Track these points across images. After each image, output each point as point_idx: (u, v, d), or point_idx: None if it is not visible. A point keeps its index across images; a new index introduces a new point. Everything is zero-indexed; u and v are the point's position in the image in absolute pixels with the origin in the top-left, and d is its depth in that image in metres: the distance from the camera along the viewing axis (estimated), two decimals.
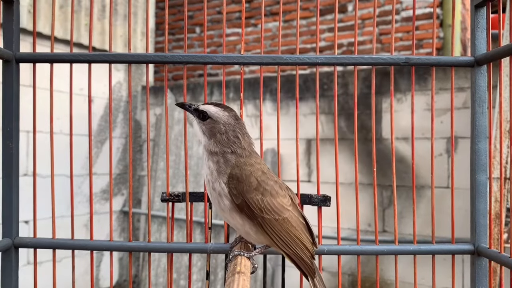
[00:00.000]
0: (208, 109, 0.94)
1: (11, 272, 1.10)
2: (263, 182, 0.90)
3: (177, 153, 3.93)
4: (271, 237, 0.91)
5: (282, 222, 0.91)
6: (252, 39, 4.91)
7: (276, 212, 0.90)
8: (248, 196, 0.88)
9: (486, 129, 1.10)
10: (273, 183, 0.93)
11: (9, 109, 1.11)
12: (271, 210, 0.90)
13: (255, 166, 0.92)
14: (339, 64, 1.13)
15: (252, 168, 0.91)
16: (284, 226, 0.91)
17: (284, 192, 0.95)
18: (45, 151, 1.13)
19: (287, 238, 0.91)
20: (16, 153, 1.12)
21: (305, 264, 0.93)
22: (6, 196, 1.11)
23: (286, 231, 0.91)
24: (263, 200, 0.89)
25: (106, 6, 3.92)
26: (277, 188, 0.93)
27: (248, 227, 0.92)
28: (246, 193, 0.88)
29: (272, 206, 0.90)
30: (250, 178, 0.89)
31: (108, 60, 1.13)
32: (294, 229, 0.92)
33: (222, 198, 0.90)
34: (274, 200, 0.91)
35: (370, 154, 3.08)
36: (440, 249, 1.12)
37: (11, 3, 1.10)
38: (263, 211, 0.89)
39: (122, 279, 4.07)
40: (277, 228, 0.90)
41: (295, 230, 0.92)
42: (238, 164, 0.91)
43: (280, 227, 0.90)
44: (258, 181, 0.90)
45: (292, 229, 0.92)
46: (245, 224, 0.91)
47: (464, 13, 4.14)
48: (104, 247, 1.13)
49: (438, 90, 2.94)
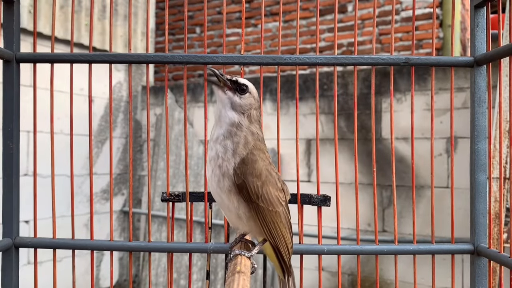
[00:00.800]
0: (248, 83, 0.91)
1: (11, 271, 1.10)
2: (267, 171, 0.90)
3: (177, 153, 3.93)
4: (262, 225, 0.90)
5: (274, 215, 0.91)
6: (252, 39, 4.91)
7: (271, 203, 0.90)
8: (250, 179, 0.87)
9: (486, 129, 1.10)
10: (275, 174, 0.93)
11: (9, 109, 1.11)
12: (268, 200, 0.90)
13: (266, 154, 0.92)
14: (339, 64, 1.13)
15: (263, 155, 0.91)
16: (275, 219, 0.91)
17: (282, 187, 0.95)
18: (46, 151, 1.13)
19: (275, 232, 0.91)
20: (16, 153, 1.12)
21: (286, 262, 0.94)
22: (6, 196, 1.11)
23: (276, 224, 0.91)
24: (262, 187, 0.89)
25: (106, 6, 3.92)
26: (277, 181, 0.93)
27: (242, 211, 0.90)
28: (248, 176, 0.87)
29: (269, 196, 0.90)
30: (258, 163, 0.88)
31: (109, 60, 1.13)
32: (283, 225, 0.93)
33: (224, 178, 0.89)
34: (272, 191, 0.90)
35: (370, 154, 3.09)
36: (440, 249, 1.12)
37: (11, 3, 1.10)
38: (259, 198, 0.89)
39: (122, 278, 4.07)
40: (268, 218, 0.90)
41: (283, 227, 0.93)
42: (255, 147, 0.89)
43: (271, 218, 0.90)
44: (264, 168, 0.89)
45: (281, 225, 0.92)
46: (240, 207, 0.90)
47: (463, 13, 4.14)
48: (105, 247, 1.13)
49: (437, 90, 2.94)
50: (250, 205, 0.89)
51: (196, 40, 5.24)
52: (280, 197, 0.92)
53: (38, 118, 1.15)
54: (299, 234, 1.16)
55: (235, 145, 0.88)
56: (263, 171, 0.89)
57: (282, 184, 0.96)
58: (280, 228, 0.92)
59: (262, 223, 0.90)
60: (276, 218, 0.91)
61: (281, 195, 0.93)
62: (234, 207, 0.91)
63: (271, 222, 0.90)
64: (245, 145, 0.89)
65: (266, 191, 0.89)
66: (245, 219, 0.91)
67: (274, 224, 0.91)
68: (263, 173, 0.89)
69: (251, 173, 0.87)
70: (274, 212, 0.91)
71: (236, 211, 0.91)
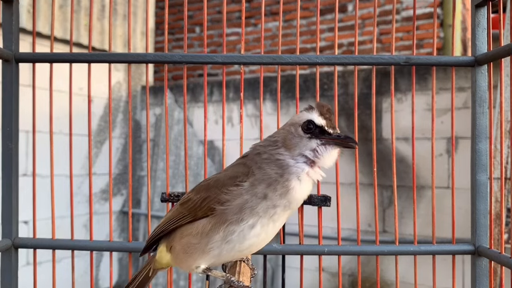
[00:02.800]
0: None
1: (10, 272, 1.10)
2: None
3: (176, 153, 3.92)
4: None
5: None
6: (252, 39, 4.91)
7: None
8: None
9: (487, 129, 1.10)
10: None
11: (8, 109, 1.11)
12: None
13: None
14: (339, 64, 1.12)
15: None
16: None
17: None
18: (45, 151, 1.13)
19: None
20: (15, 153, 1.11)
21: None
22: (5, 196, 1.10)
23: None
24: None
25: (105, 6, 3.91)
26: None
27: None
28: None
29: None
30: None
31: (108, 60, 1.13)
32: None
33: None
34: None
35: (370, 154, 3.08)
36: (441, 250, 1.12)
37: (10, 3, 1.10)
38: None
39: (121, 279, 4.06)
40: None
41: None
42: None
43: None
44: None
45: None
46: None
47: (464, 13, 4.13)
48: (104, 248, 1.13)
49: (438, 90, 2.94)
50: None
51: (196, 39, 5.23)
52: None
53: (37, 118, 1.15)
54: (299, 234, 1.16)
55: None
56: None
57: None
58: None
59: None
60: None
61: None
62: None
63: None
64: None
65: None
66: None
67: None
68: None
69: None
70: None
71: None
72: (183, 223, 0.83)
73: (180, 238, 0.83)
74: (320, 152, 0.79)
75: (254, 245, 0.81)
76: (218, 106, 3.84)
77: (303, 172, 0.79)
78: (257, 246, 0.82)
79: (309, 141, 0.79)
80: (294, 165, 0.79)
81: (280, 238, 1.16)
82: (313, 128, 0.79)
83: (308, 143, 0.79)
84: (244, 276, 0.84)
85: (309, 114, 0.80)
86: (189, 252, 0.82)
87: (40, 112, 1.18)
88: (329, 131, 0.79)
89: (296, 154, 0.79)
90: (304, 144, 0.79)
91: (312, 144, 0.79)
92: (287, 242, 1.15)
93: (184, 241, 0.82)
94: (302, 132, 0.80)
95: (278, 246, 1.11)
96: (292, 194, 0.79)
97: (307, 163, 0.79)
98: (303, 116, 0.81)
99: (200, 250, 0.80)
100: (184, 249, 0.82)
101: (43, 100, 1.27)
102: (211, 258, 0.81)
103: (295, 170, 0.79)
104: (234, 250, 0.79)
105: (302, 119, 0.81)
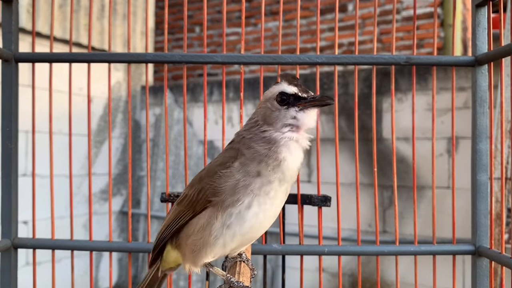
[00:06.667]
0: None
1: (10, 272, 1.09)
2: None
3: (176, 153, 3.92)
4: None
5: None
6: (252, 39, 4.91)
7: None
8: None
9: (487, 129, 1.10)
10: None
11: (8, 109, 1.11)
12: None
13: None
14: (340, 64, 1.12)
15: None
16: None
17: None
18: (44, 151, 1.12)
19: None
20: (15, 153, 1.11)
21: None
22: (5, 196, 1.10)
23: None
24: None
25: (105, 5, 3.91)
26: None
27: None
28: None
29: None
30: None
31: (108, 60, 1.12)
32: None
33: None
34: None
35: (370, 154, 3.08)
36: (441, 250, 1.12)
37: (10, 2, 1.10)
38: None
39: (121, 279, 4.06)
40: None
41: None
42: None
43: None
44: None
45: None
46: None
47: (464, 12, 4.13)
48: (104, 248, 1.13)
49: (439, 90, 2.94)
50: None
51: (196, 39, 5.23)
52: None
53: (37, 118, 1.15)
54: (299, 234, 1.15)
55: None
56: None
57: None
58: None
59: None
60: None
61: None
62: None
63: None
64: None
65: None
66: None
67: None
68: None
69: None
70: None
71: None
72: (184, 221, 0.84)
73: (185, 240, 0.84)
74: (300, 118, 0.81)
75: (255, 228, 0.81)
76: (218, 106, 3.84)
77: (291, 141, 0.81)
78: (258, 229, 0.82)
79: (288, 111, 0.81)
80: (280, 136, 0.81)
81: (280, 238, 1.16)
82: (287, 98, 0.82)
83: (287, 113, 0.81)
84: (244, 277, 0.84)
85: (279, 86, 0.83)
86: (196, 249, 0.82)
87: (40, 112, 1.18)
88: (303, 96, 0.81)
89: (279, 126, 0.81)
90: (283, 115, 0.81)
91: (291, 113, 0.81)
92: (287, 242, 1.15)
93: (190, 241, 0.83)
94: (278, 104, 0.82)
95: (278, 246, 1.11)
96: (285, 165, 0.80)
97: (292, 131, 0.81)
98: (274, 89, 0.84)
99: (206, 243, 0.80)
100: (191, 248, 0.83)
101: (43, 100, 1.27)
102: (218, 250, 0.81)
103: (283, 141, 0.80)
104: (236, 235, 0.80)
105: (274, 93, 0.83)
